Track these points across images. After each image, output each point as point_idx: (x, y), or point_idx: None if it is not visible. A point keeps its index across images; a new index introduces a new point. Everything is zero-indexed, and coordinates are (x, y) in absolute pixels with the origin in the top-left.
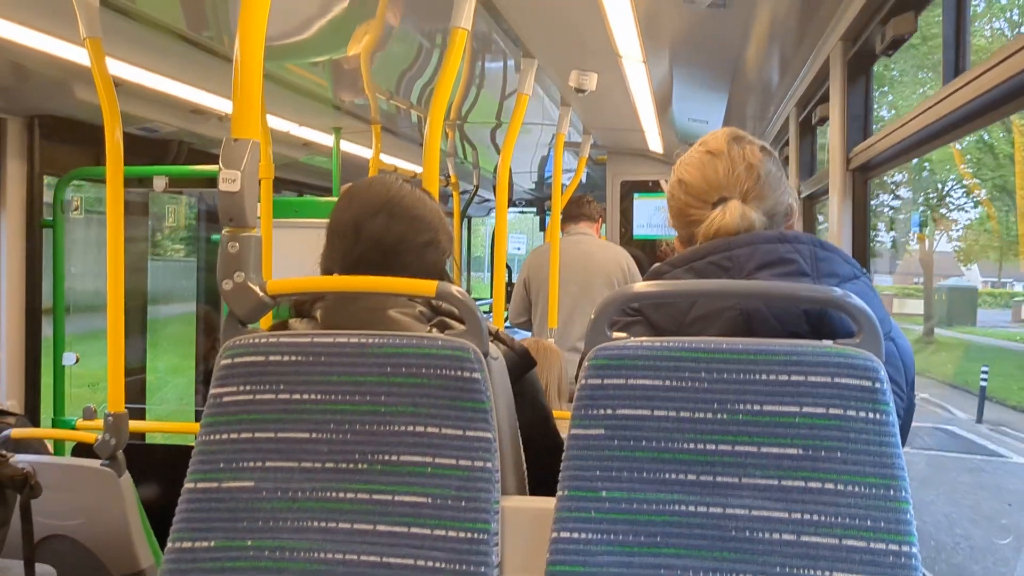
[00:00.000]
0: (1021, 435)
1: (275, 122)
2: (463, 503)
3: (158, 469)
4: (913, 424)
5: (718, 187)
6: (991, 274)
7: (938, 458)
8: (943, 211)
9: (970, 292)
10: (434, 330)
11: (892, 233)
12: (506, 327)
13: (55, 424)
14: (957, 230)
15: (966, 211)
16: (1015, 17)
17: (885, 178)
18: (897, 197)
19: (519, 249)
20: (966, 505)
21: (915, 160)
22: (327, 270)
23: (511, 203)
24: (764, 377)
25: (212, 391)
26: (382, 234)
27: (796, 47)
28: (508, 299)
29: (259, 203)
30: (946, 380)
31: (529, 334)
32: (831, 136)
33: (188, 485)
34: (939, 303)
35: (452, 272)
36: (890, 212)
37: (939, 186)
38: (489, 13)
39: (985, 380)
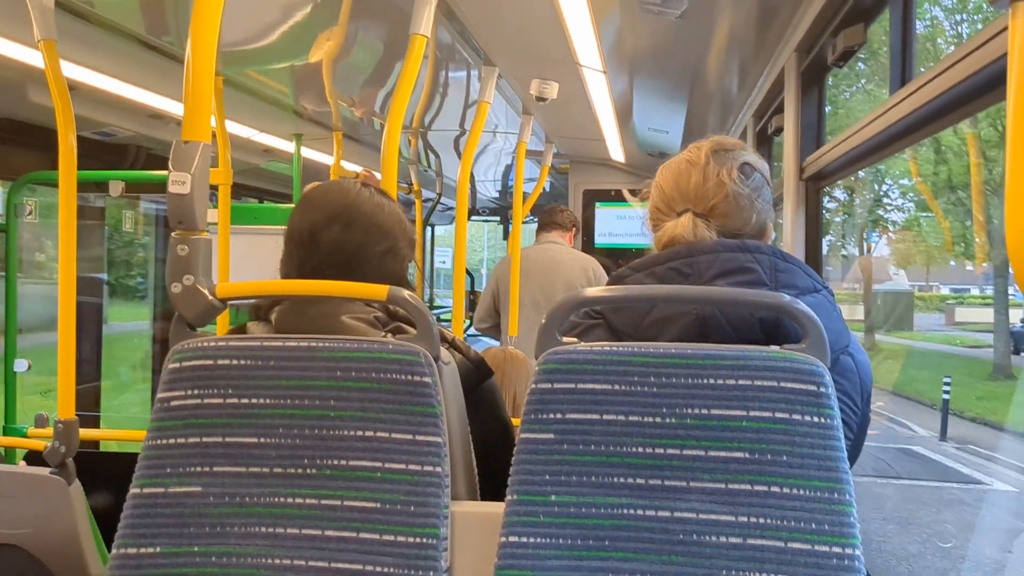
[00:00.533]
0: (993, 454)
1: (235, 128)
2: (412, 508)
3: (110, 477)
4: (877, 446)
5: (686, 198)
6: (918, 278)
7: (912, 489)
8: (880, 212)
9: (907, 296)
10: (389, 335)
11: (829, 236)
12: (468, 334)
13: (6, 432)
14: (892, 233)
15: (903, 211)
16: (949, 4)
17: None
18: (833, 199)
19: (444, 263)
20: (958, 556)
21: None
22: (286, 276)
23: (474, 211)
24: (712, 381)
25: (160, 395)
26: (339, 243)
27: (753, 58)
28: (470, 307)
29: (216, 208)
30: (896, 390)
31: (496, 342)
32: (785, 146)
33: (134, 490)
34: (876, 308)
35: (414, 279)
36: (825, 214)
37: (875, 187)
38: (451, 21)
39: (948, 394)
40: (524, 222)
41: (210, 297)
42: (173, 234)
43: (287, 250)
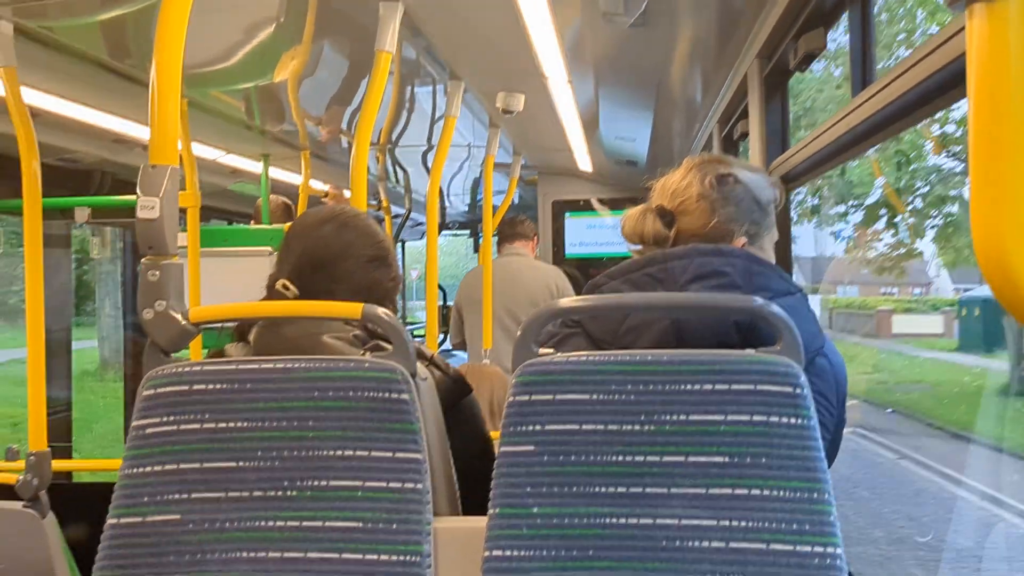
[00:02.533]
0: None
1: (201, 150)
2: (395, 526)
3: (85, 508)
4: None
5: (663, 194)
6: (967, 279)
7: None
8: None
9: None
10: (368, 353)
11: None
12: (443, 349)
13: None
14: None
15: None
16: None
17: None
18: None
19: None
20: None
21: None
22: (275, 278)
23: (444, 226)
24: (689, 387)
25: (134, 423)
26: (330, 239)
27: (716, 65)
28: (443, 322)
29: (185, 232)
30: None
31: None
32: (751, 150)
33: (111, 520)
34: (967, 322)
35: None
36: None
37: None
38: (415, 37)
39: None
40: (494, 235)
41: (183, 322)
42: (143, 260)
43: (279, 255)
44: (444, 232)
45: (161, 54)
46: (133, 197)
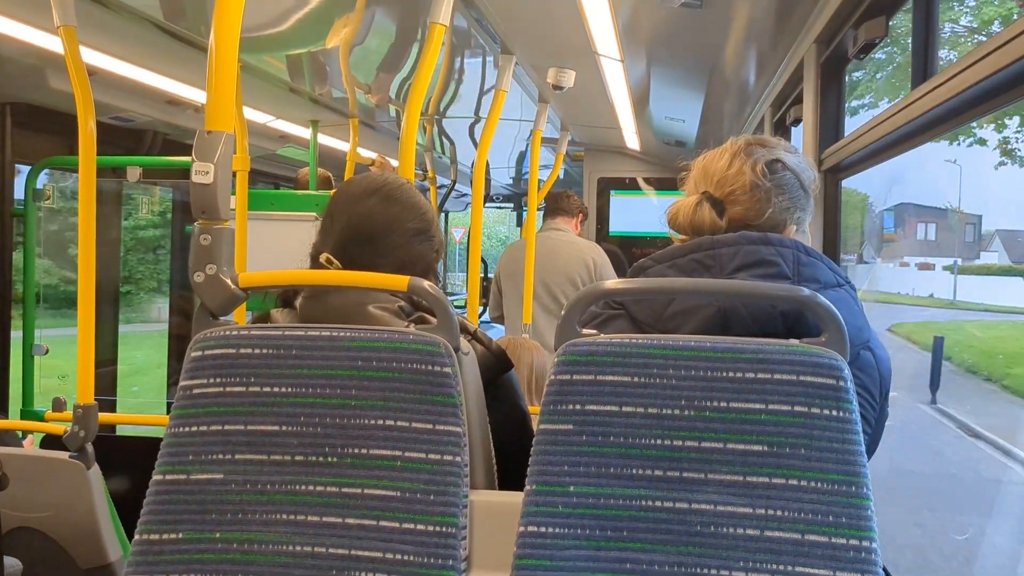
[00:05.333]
0: None
1: (252, 114)
2: (432, 497)
3: (128, 461)
4: None
5: (709, 180)
6: None
7: None
8: None
9: None
10: (412, 325)
11: None
12: (482, 321)
13: (24, 415)
14: None
15: None
16: None
17: None
18: None
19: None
20: None
21: None
22: (319, 249)
23: (488, 198)
24: (731, 374)
25: (182, 383)
26: (375, 213)
27: (771, 48)
28: (484, 294)
29: (234, 195)
30: None
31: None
32: (804, 137)
33: (156, 477)
34: None
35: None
36: None
37: None
38: (468, 9)
39: None
40: (538, 209)
41: (233, 287)
42: (196, 223)
43: (322, 224)
44: (487, 204)
45: (220, 22)
46: (185, 158)
